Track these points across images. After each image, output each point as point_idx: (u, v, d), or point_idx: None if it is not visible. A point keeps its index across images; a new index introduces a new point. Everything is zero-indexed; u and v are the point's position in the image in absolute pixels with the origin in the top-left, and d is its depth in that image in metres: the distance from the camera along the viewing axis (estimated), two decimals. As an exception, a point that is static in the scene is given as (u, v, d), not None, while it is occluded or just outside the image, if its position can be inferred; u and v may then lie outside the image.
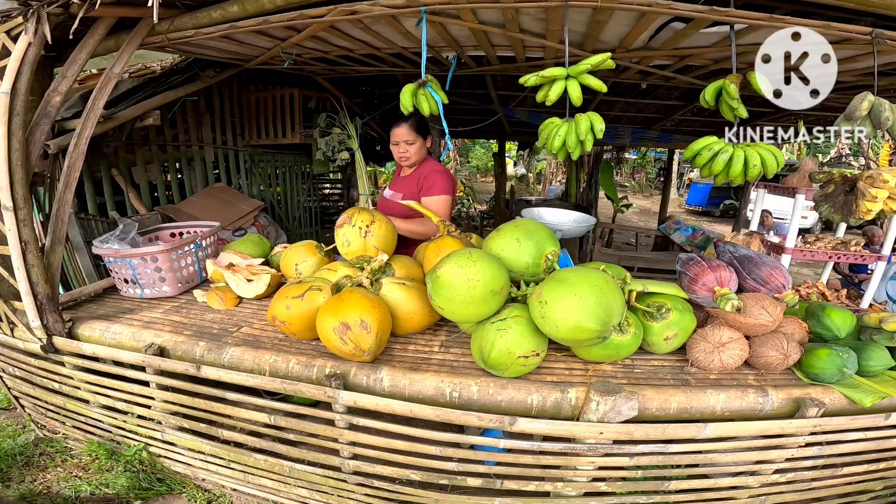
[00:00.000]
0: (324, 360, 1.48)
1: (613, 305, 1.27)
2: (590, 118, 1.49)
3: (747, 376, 1.54)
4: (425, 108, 1.63)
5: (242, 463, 1.77)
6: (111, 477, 2.05)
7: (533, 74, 1.50)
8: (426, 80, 1.60)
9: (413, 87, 1.62)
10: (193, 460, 1.91)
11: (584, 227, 2.14)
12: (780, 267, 1.64)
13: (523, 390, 1.36)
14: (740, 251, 1.75)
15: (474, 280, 1.34)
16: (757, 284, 1.63)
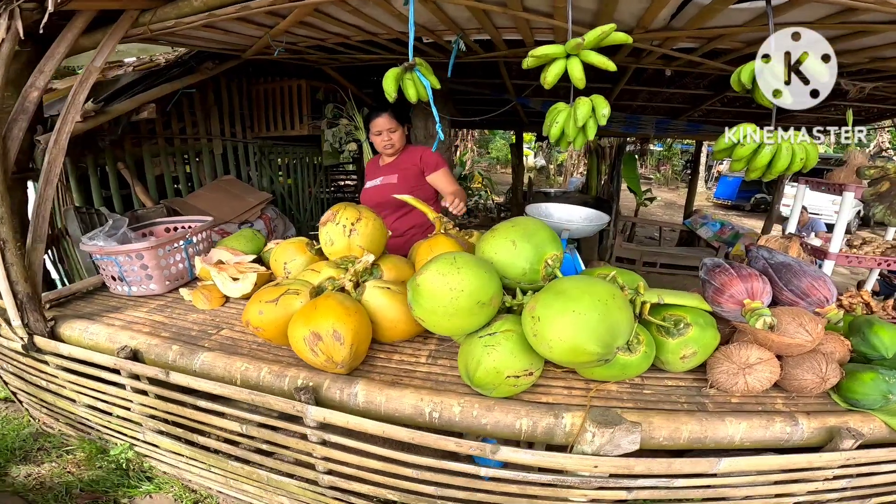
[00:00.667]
0: (297, 370, 1.37)
1: (620, 324, 1.11)
2: (592, 102, 1.32)
3: (775, 400, 1.35)
4: (412, 94, 1.48)
5: (222, 468, 1.70)
6: (101, 474, 2.03)
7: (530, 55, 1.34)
8: (413, 63, 1.46)
9: (398, 72, 1.47)
10: (177, 461, 1.85)
11: (595, 226, 1.93)
12: (824, 277, 1.41)
13: (511, 413, 1.21)
14: (777, 257, 1.52)
15: (458, 290, 1.19)
16: (795, 297, 1.41)
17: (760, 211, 13.26)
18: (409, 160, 2.36)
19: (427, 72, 1.47)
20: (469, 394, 1.29)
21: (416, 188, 2.31)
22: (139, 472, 2.00)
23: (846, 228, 2.47)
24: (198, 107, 3.83)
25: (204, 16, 1.60)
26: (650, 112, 5.86)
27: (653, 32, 1.93)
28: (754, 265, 1.55)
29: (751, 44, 2.00)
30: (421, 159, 2.33)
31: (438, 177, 2.31)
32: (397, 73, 1.46)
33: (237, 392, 1.38)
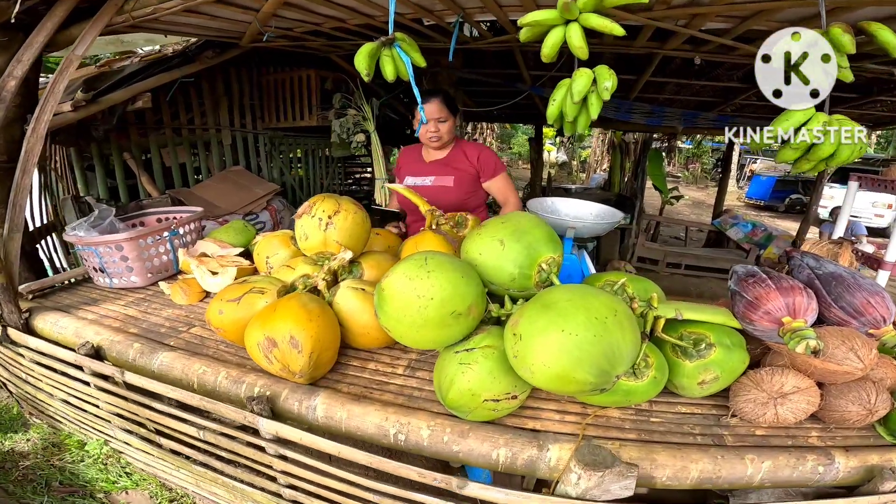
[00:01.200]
0: (256, 377, 1.25)
1: (620, 347, 0.91)
2: (595, 73, 1.13)
3: (809, 432, 1.15)
4: (389, 72, 1.33)
5: (188, 470, 1.61)
6: (81, 468, 1.99)
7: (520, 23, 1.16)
8: (393, 37, 1.30)
9: (373, 47, 1.31)
10: (150, 460, 1.78)
11: (606, 225, 1.73)
12: (882, 293, 1.16)
13: (488, 441, 1.05)
14: (826, 267, 1.27)
15: (426, 297, 1.02)
16: (846, 316, 1.17)
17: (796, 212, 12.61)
18: (463, 159, 2.11)
19: (409, 48, 1.32)
20: (443, 414, 1.13)
21: (471, 194, 2.11)
22: (118, 467, 1.96)
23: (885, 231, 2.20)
24: (207, 97, 3.78)
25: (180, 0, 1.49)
26: (677, 105, 5.54)
27: (677, 9, 1.72)
28: (797, 275, 1.30)
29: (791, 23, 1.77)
30: (479, 160, 2.09)
31: (496, 183, 2.09)
32: (372, 48, 1.31)
33: (189, 397, 1.27)
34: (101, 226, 1.98)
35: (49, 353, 1.57)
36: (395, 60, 1.31)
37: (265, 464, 1.29)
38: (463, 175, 2.08)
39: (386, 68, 1.32)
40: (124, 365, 1.42)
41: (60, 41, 1.92)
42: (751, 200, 13.50)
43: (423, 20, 2.20)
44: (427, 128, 2.03)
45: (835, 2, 1.34)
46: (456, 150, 2.13)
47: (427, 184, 2.13)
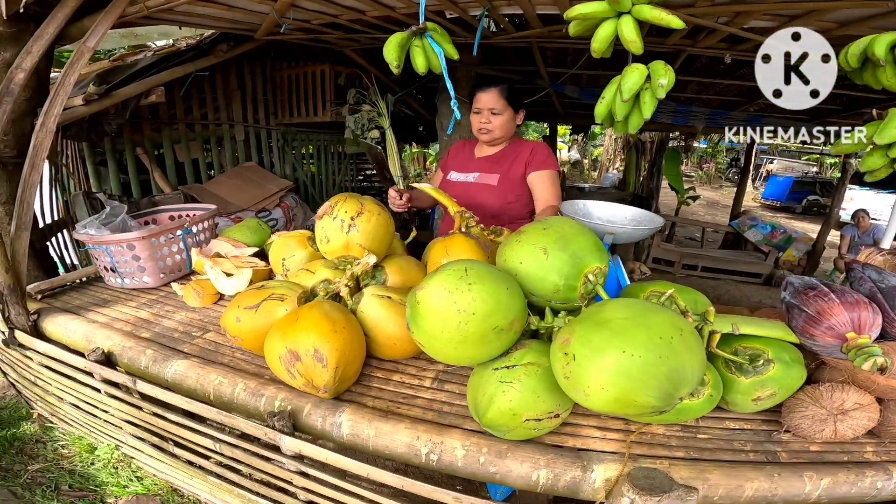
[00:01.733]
0: (276, 389, 1.17)
1: (687, 369, 0.82)
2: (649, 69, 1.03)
3: (864, 447, 1.09)
4: (420, 63, 1.23)
5: (203, 480, 1.54)
6: (91, 471, 1.95)
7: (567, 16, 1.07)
8: (423, 26, 1.21)
9: (403, 37, 1.22)
10: (161, 465, 1.72)
11: (645, 231, 1.57)
12: None
13: (528, 462, 0.97)
14: (889, 280, 1.19)
15: (467, 312, 0.93)
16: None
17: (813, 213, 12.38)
18: (514, 157, 1.90)
19: (441, 38, 1.22)
20: (478, 432, 1.05)
21: (515, 199, 1.90)
22: (129, 471, 1.90)
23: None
24: (220, 92, 3.73)
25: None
26: (700, 104, 5.40)
27: (722, 6, 1.61)
28: (858, 288, 1.21)
29: (845, 24, 1.66)
30: (531, 153, 1.88)
31: (540, 178, 1.84)
32: (402, 38, 1.21)
33: (206, 410, 1.20)
34: (112, 223, 1.91)
35: (58, 358, 1.51)
36: (427, 51, 1.22)
37: (284, 479, 1.21)
38: (510, 175, 1.88)
39: (417, 60, 1.23)
40: (136, 372, 1.35)
41: (72, 33, 1.85)
42: (767, 201, 13.28)
43: (445, 13, 2.11)
44: (479, 118, 1.86)
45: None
46: (510, 149, 1.95)
47: (470, 180, 1.95)
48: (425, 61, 1.24)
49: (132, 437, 1.64)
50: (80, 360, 1.42)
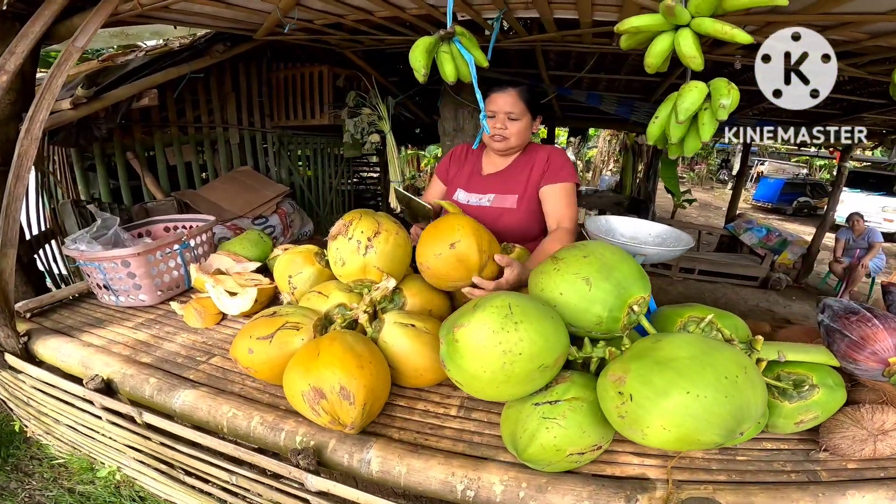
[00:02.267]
0: (296, 423, 1.08)
1: (750, 406, 0.79)
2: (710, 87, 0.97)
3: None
4: (449, 71, 1.14)
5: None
6: (92, 489, 1.87)
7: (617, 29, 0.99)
8: (452, 31, 1.12)
9: (430, 42, 1.13)
10: (167, 489, 1.61)
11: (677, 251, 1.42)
12: None
13: (570, 495, 0.91)
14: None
15: (514, 353, 0.86)
16: None
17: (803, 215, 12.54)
18: (529, 168, 1.67)
19: (471, 44, 1.14)
20: (514, 465, 0.99)
21: (537, 220, 1.68)
22: (131, 491, 1.82)
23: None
24: (214, 94, 3.60)
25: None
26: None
27: (755, 16, 1.55)
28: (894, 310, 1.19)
29: (876, 36, 1.61)
30: (547, 160, 1.64)
31: (554, 192, 1.60)
32: (430, 42, 1.12)
33: (222, 446, 1.11)
34: (104, 237, 1.80)
35: (54, 385, 1.40)
36: (455, 58, 1.13)
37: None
38: (528, 192, 1.65)
39: (445, 67, 1.14)
40: (140, 401, 1.25)
41: (60, 32, 1.74)
42: (758, 203, 13.41)
43: (457, 15, 2.03)
44: (493, 123, 1.60)
45: None
46: (522, 158, 1.71)
47: (485, 204, 1.70)
48: (454, 69, 1.15)
49: (136, 462, 1.54)
50: (78, 389, 1.32)
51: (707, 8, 0.90)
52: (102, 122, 2.21)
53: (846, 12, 1.39)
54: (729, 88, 0.97)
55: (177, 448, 1.26)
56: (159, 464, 1.46)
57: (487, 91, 1.62)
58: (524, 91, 1.59)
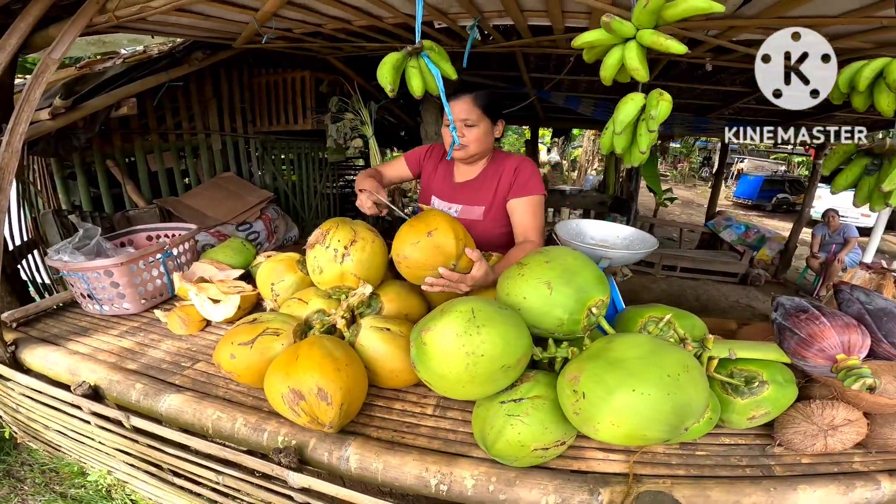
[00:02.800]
0: (278, 424, 1.13)
1: (693, 403, 0.85)
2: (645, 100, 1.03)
3: (852, 458, 1.15)
4: (416, 86, 1.19)
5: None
6: (84, 493, 1.91)
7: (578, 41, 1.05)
8: (420, 46, 1.17)
9: (398, 58, 1.18)
10: (158, 492, 1.65)
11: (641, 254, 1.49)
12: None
13: (536, 489, 0.97)
14: (876, 302, 1.25)
15: (476, 355, 0.92)
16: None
17: (782, 211, 12.83)
18: (496, 178, 1.67)
19: (439, 58, 1.19)
20: (485, 461, 1.05)
21: (504, 226, 1.70)
22: (123, 494, 1.85)
23: None
24: (195, 100, 3.60)
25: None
26: (677, 109, 5.51)
27: (715, 21, 1.62)
28: (847, 309, 1.26)
29: (836, 37, 1.69)
30: (515, 172, 1.65)
31: (521, 205, 1.62)
32: (397, 59, 1.17)
33: (207, 446, 1.16)
34: (86, 247, 1.82)
35: (43, 391, 1.43)
36: (423, 72, 1.18)
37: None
38: (495, 203, 1.67)
39: (412, 82, 1.19)
40: (127, 406, 1.29)
41: (37, 42, 1.76)
42: (738, 199, 13.69)
43: (434, 23, 2.08)
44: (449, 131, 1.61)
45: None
46: (491, 167, 1.71)
47: (453, 214, 1.72)
48: (422, 83, 1.20)
49: (125, 465, 1.57)
50: (66, 395, 1.36)
51: (648, 20, 0.96)
52: (81, 132, 2.22)
53: (800, 16, 1.46)
54: (660, 99, 1.04)
55: (165, 450, 1.31)
56: (149, 466, 1.50)
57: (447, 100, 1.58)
58: (479, 96, 1.57)
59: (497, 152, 1.76)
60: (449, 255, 1.24)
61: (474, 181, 1.72)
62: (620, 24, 0.96)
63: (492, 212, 1.68)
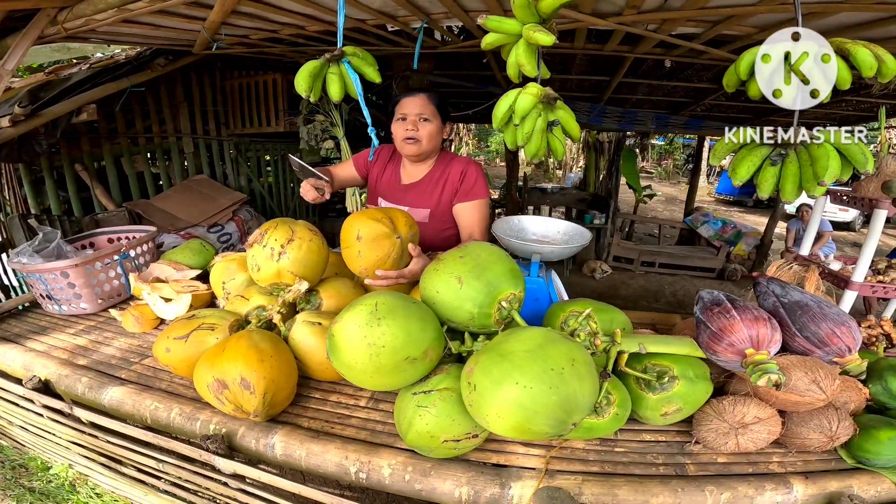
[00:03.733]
0: (211, 414, 1.19)
1: (577, 397, 0.87)
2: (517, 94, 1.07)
3: (770, 458, 1.14)
4: (334, 92, 1.24)
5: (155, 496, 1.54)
6: (51, 487, 1.95)
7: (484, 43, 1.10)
8: (340, 51, 1.22)
9: (315, 66, 1.22)
10: (115, 483, 1.70)
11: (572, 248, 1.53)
12: (848, 323, 1.13)
13: (450, 480, 1.02)
14: (791, 295, 1.23)
15: (378, 346, 0.97)
16: (810, 346, 1.13)
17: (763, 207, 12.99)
18: (443, 180, 1.74)
19: (362, 63, 1.24)
20: (405, 451, 1.10)
21: (448, 227, 1.77)
22: (87, 487, 1.90)
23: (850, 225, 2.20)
24: (164, 104, 3.63)
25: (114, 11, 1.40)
26: (649, 106, 5.61)
27: (647, 14, 1.69)
28: (762, 302, 1.27)
29: (764, 28, 1.77)
30: (461, 175, 1.72)
31: (466, 209, 1.71)
32: (315, 66, 1.21)
33: (141, 434, 1.22)
34: (46, 250, 1.86)
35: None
36: (345, 78, 1.23)
37: (229, 496, 1.23)
38: (441, 206, 1.75)
39: (331, 88, 1.24)
40: (75, 399, 1.35)
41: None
42: (720, 196, 13.86)
43: (387, 26, 2.14)
44: (403, 126, 1.65)
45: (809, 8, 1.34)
46: (438, 168, 1.78)
47: None
48: (341, 89, 1.25)
49: (81, 458, 1.63)
50: (19, 388, 1.42)
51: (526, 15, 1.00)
52: (43, 138, 2.25)
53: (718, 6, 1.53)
54: (522, 93, 1.07)
55: (111, 441, 1.36)
56: (103, 459, 1.55)
57: (397, 98, 1.70)
58: (434, 96, 1.67)
59: (444, 153, 1.83)
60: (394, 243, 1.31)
61: (420, 183, 1.79)
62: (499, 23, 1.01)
63: (437, 214, 1.76)
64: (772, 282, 1.34)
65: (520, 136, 1.11)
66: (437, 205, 1.75)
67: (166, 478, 1.40)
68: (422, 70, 3.91)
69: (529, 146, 1.15)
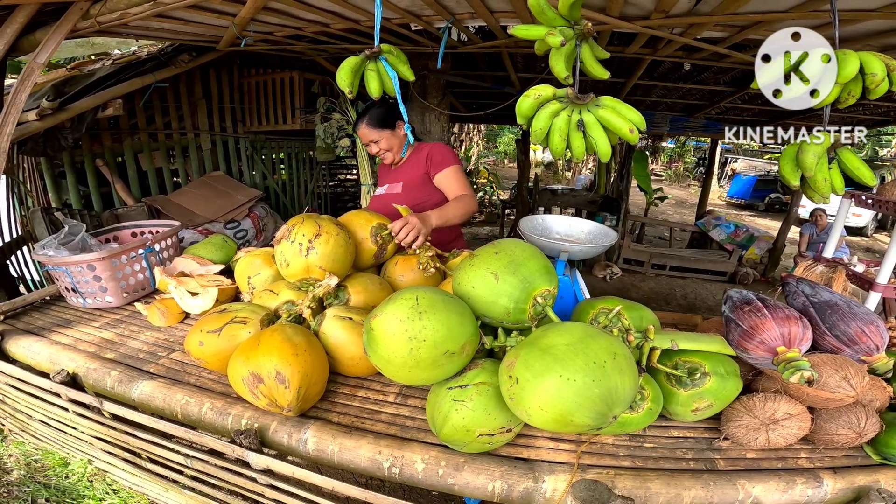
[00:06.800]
0: (243, 409, 1.19)
1: (619, 390, 0.88)
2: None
3: (798, 454, 1.15)
4: (374, 89, 1.26)
5: (177, 492, 1.55)
6: (67, 483, 1.95)
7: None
8: (378, 49, 1.23)
9: (356, 62, 1.24)
10: (135, 479, 1.71)
11: (599, 247, 1.56)
12: (877, 322, 1.15)
13: (483, 474, 1.02)
14: (821, 294, 1.25)
15: (419, 340, 0.98)
16: (840, 344, 1.16)
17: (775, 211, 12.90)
18: (415, 164, 2.04)
19: (397, 61, 1.25)
20: (437, 446, 1.10)
21: (423, 198, 1.99)
22: (104, 484, 1.90)
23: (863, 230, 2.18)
24: (184, 100, 3.66)
25: (150, 5, 1.42)
26: (664, 108, 5.58)
27: (675, 18, 1.69)
28: (792, 302, 1.28)
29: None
30: (428, 157, 1.98)
31: (445, 177, 1.94)
32: (355, 62, 1.23)
33: (174, 429, 1.22)
34: (71, 242, 1.88)
35: (24, 380, 1.50)
36: (381, 75, 1.25)
37: (257, 493, 1.24)
38: (412, 180, 2.02)
39: (371, 84, 1.26)
40: (103, 393, 1.35)
41: (24, 46, 1.82)
42: (732, 199, 13.76)
43: (410, 25, 2.15)
44: (370, 150, 2.04)
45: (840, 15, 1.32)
46: (413, 156, 2.07)
47: (382, 192, 2.12)
48: (379, 85, 1.27)
49: (104, 453, 1.64)
50: (45, 382, 1.42)
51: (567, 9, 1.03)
52: (68, 132, 2.28)
53: (751, 11, 1.53)
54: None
55: (138, 436, 1.36)
56: (125, 454, 1.55)
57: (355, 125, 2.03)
58: (371, 118, 1.95)
59: (419, 144, 2.10)
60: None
61: (399, 168, 2.11)
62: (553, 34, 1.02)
63: (409, 188, 2.01)
64: (801, 282, 1.35)
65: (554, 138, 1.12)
66: (408, 179, 2.02)
67: (190, 473, 1.41)
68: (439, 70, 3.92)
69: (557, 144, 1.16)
